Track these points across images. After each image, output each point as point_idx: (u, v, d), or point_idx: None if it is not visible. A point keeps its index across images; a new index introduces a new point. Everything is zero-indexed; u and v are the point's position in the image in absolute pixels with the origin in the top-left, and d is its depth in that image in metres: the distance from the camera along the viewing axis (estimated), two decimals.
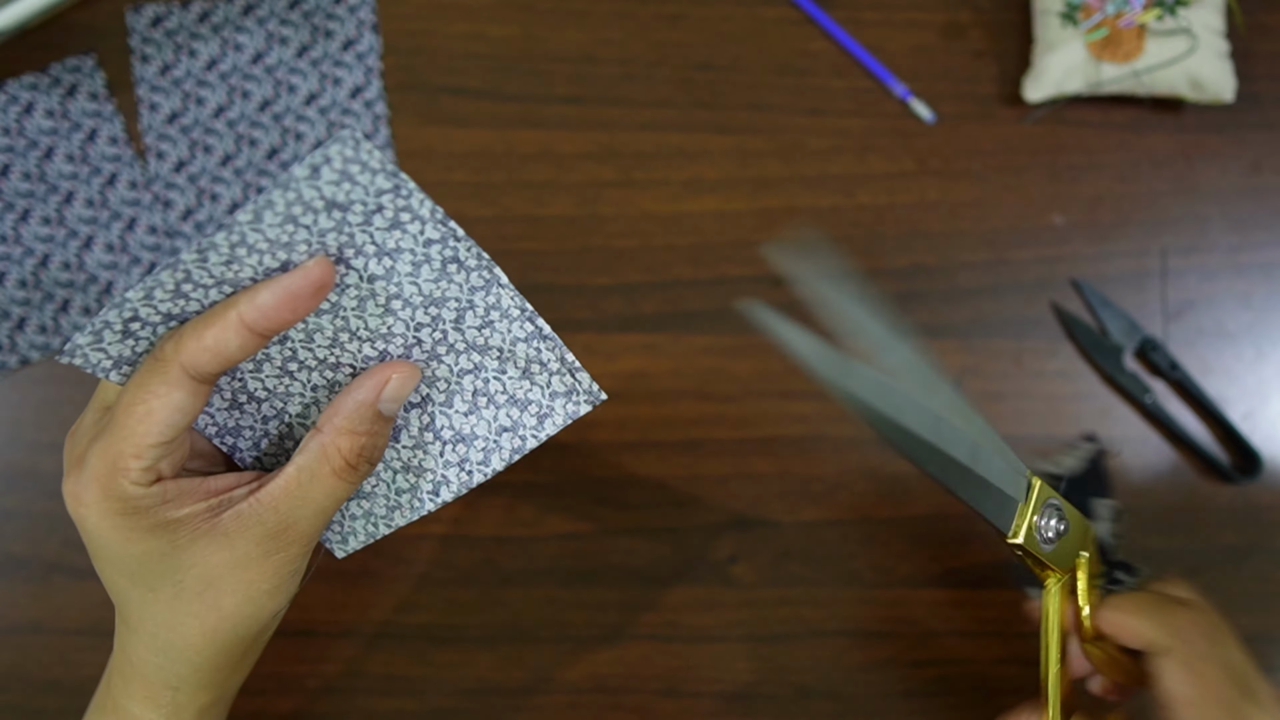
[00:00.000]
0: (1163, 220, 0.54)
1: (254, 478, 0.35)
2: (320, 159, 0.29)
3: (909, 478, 0.52)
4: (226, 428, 0.37)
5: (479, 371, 0.35)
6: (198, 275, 0.31)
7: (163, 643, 0.35)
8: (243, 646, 0.36)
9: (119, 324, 0.32)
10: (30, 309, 0.53)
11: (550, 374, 0.35)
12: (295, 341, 0.35)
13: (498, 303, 0.34)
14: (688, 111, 0.55)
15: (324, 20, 0.55)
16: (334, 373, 0.35)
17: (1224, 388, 0.53)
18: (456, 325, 0.34)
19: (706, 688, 0.51)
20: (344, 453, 0.33)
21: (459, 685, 0.50)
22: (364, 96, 0.55)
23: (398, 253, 0.32)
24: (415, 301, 0.34)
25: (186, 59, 0.55)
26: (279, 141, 0.55)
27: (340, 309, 0.34)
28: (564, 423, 0.36)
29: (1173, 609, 0.38)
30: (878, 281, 0.54)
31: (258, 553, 0.34)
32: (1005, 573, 0.50)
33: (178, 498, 0.33)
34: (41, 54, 0.55)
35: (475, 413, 0.36)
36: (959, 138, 0.55)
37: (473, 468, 0.37)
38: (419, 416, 0.36)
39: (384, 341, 0.35)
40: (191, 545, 0.33)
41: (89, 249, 0.53)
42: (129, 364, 0.34)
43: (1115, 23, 0.52)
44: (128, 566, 0.34)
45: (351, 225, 0.31)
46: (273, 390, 0.36)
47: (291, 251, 0.32)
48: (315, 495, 0.34)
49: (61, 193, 0.53)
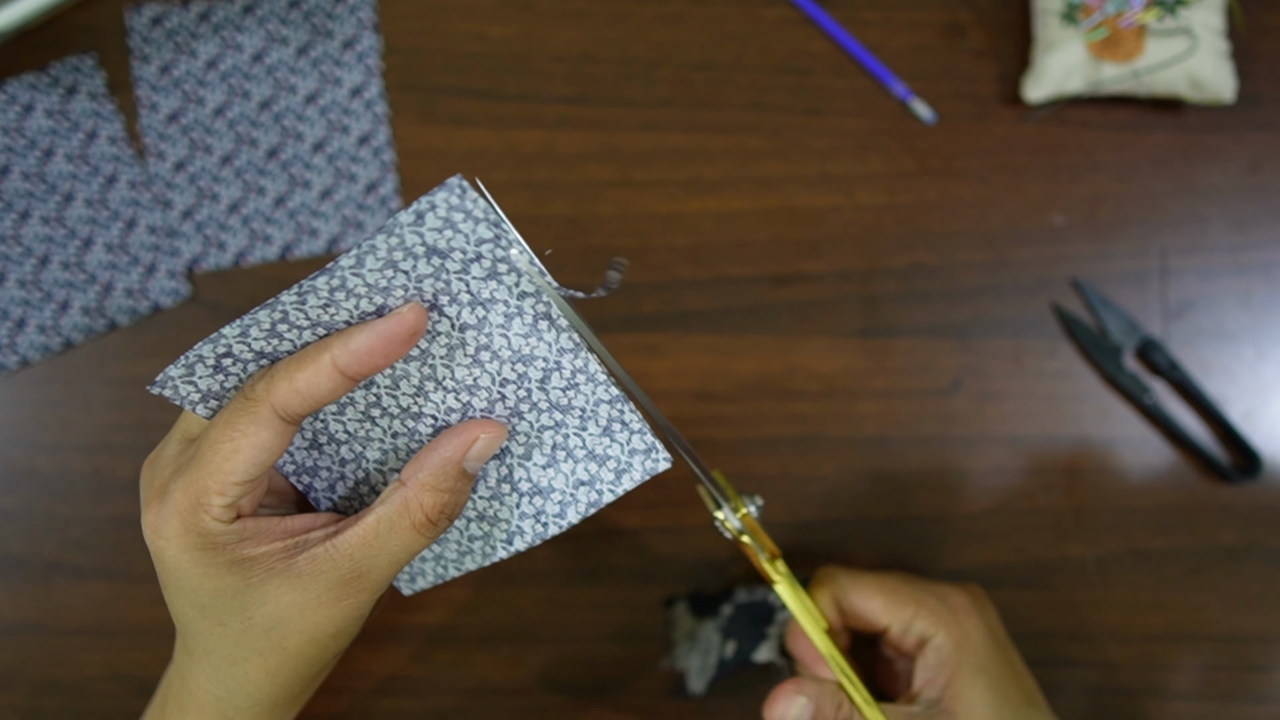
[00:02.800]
0: (1163, 220, 0.54)
1: (330, 520, 0.35)
2: (426, 205, 0.29)
3: (909, 477, 0.53)
4: (304, 466, 0.37)
5: (560, 428, 0.35)
6: (294, 316, 0.32)
7: (225, 675, 0.35)
8: (301, 685, 0.36)
9: (212, 358, 0.33)
10: (30, 309, 0.53)
11: (631, 432, 0.35)
12: (381, 387, 0.35)
13: (585, 367, 0.34)
14: (688, 111, 0.55)
15: (324, 20, 0.55)
16: (415, 422, 0.35)
17: (1224, 388, 0.53)
18: (541, 385, 0.34)
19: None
20: (426, 508, 0.33)
21: (459, 685, 0.50)
22: (364, 96, 0.55)
23: (491, 303, 0.32)
24: (504, 355, 0.33)
25: (186, 59, 0.55)
26: (278, 141, 0.55)
27: (429, 356, 0.34)
28: (641, 479, 0.36)
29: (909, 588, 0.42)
30: (878, 281, 0.54)
31: (328, 597, 0.34)
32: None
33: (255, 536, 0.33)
34: (41, 54, 0.55)
35: (553, 466, 0.36)
36: (959, 138, 0.55)
37: (548, 520, 0.37)
38: (497, 468, 0.36)
39: (469, 394, 0.34)
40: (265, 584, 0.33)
41: (89, 249, 0.53)
42: (216, 398, 0.34)
43: (1115, 23, 0.52)
44: (200, 599, 0.34)
45: (449, 272, 0.31)
46: (353, 434, 0.36)
47: (388, 296, 0.31)
48: (392, 546, 0.34)
49: (61, 192, 0.53)
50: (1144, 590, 0.52)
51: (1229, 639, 0.52)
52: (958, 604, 0.42)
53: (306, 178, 0.54)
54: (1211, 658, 0.51)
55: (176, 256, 0.53)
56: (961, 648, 0.40)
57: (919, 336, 0.53)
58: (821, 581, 0.43)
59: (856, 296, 0.54)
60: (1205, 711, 0.51)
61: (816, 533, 0.52)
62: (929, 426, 0.53)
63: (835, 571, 0.43)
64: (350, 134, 0.55)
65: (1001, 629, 0.43)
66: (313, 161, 0.54)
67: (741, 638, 0.48)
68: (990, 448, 0.53)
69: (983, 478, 0.53)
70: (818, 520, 0.52)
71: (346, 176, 0.54)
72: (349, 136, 0.55)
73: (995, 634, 0.42)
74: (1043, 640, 0.51)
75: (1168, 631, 0.52)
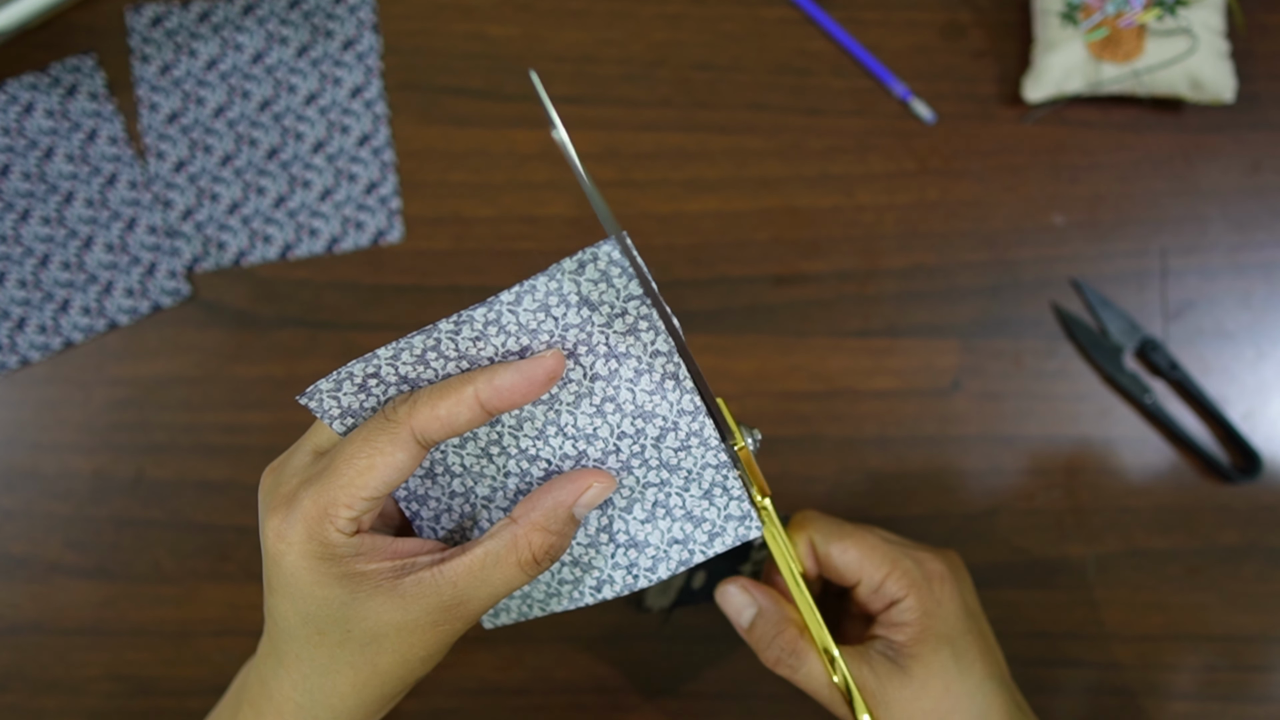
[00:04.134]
0: (1163, 220, 0.54)
1: (437, 548, 0.36)
2: (589, 256, 0.32)
3: (909, 477, 0.53)
4: (415, 494, 0.38)
5: (664, 486, 0.37)
6: (446, 346, 0.33)
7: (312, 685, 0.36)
8: (381, 703, 0.37)
9: (360, 377, 0.34)
10: (30, 309, 0.53)
11: (730, 498, 0.37)
12: (505, 426, 0.36)
13: (700, 430, 0.35)
14: (688, 111, 0.55)
15: (324, 20, 0.55)
16: (530, 464, 0.36)
17: (1224, 388, 0.53)
18: (656, 443, 0.36)
19: (706, 688, 0.51)
20: (533, 548, 0.35)
21: (459, 685, 0.50)
22: (364, 96, 0.55)
23: (625, 357, 0.34)
24: (626, 409, 0.35)
25: (186, 59, 0.55)
26: (279, 141, 0.55)
27: (556, 401, 0.35)
28: (733, 544, 0.38)
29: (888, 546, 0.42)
30: (878, 281, 0.54)
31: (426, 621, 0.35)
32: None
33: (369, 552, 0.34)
34: (42, 54, 0.55)
35: (652, 521, 0.38)
36: (959, 138, 0.55)
37: (639, 573, 0.38)
38: (598, 518, 0.38)
39: (586, 442, 0.36)
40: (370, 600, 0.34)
41: (89, 249, 0.53)
42: (353, 416, 0.35)
43: (1115, 23, 0.52)
44: (307, 606, 0.35)
45: (594, 325, 0.33)
46: (468, 468, 0.37)
47: (534, 338, 0.33)
48: (494, 580, 0.35)
49: (61, 193, 0.53)
50: (1144, 590, 0.52)
51: (1229, 639, 0.52)
52: (933, 570, 0.41)
53: (307, 178, 0.54)
54: (1211, 658, 0.51)
55: (177, 256, 0.53)
56: (930, 615, 0.40)
57: (919, 336, 0.53)
58: (801, 525, 0.42)
59: (856, 296, 0.54)
60: (1205, 711, 0.51)
61: None
62: (929, 426, 0.53)
63: (815, 517, 0.42)
64: (350, 134, 0.55)
65: (975, 600, 0.43)
66: (313, 161, 0.54)
67: (714, 572, 0.48)
68: (990, 448, 0.53)
69: (983, 478, 0.53)
70: None
71: (347, 176, 0.54)
72: (349, 136, 0.55)
73: (968, 604, 0.41)
74: (1043, 640, 0.51)
75: (1168, 631, 0.52)
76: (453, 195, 0.54)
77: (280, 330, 0.53)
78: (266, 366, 0.53)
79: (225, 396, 0.53)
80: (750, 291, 0.54)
